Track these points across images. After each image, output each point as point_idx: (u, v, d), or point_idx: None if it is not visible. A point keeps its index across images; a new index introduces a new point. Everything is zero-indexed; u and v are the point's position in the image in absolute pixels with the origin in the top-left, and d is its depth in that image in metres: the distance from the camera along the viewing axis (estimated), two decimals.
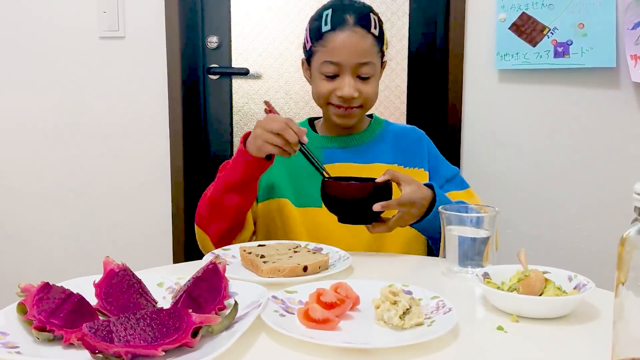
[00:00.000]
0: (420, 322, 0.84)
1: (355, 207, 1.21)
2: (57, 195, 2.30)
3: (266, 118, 1.26)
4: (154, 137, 2.22)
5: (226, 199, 1.30)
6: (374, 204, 1.18)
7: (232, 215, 1.32)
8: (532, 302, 0.89)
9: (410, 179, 1.25)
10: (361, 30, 1.36)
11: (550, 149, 2.01)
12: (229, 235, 1.35)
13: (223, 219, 1.32)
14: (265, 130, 1.23)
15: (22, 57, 2.25)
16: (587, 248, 2.01)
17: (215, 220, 1.33)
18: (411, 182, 1.23)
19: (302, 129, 1.25)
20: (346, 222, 1.25)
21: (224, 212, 1.31)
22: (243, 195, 1.31)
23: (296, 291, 0.95)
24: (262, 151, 1.25)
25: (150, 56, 2.18)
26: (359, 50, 1.36)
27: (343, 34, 1.35)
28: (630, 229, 0.64)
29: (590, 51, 1.91)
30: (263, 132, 1.23)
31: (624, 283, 0.64)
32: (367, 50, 1.37)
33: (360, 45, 1.36)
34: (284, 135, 1.22)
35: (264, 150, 1.25)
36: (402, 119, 2.19)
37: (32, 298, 0.79)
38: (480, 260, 1.08)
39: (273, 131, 1.22)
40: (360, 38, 1.36)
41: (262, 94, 2.25)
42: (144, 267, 1.11)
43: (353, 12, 1.37)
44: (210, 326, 0.76)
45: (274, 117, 1.26)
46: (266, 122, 1.24)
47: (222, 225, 1.33)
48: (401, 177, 1.24)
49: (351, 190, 1.20)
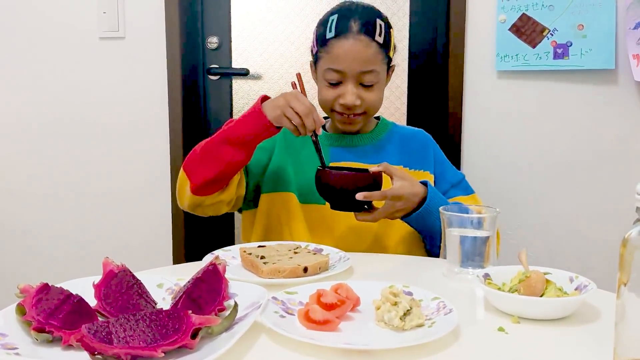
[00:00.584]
0: (421, 323, 0.84)
1: (344, 195, 1.25)
2: (56, 195, 2.30)
3: (292, 93, 1.29)
4: (154, 138, 2.22)
5: (222, 150, 1.30)
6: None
7: (221, 167, 1.31)
8: (533, 304, 0.88)
9: (403, 174, 1.28)
10: (365, 38, 1.35)
11: (550, 150, 2.01)
12: (209, 187, 1.34)
13: (212, 167, 1.31)
14: (288, 106, 1.26)
15: (23, 57, 2.25)
16: (588, 249, 2.01)
17: (203, 166, 1.32)
18: (404, 178, 1.27)
19: (321, 121, 1.29)
20: (337, 208, 1.29)
21: (215, 162, 1.31)
22: (239, 152, 1.31)
23: (296, 292, 0.95)
24: (277, 121, 1.28)
25: (150, 57, 2.18)
26: (362, 59, 1.36)
27: (347, 42, 1.35)
28: (632, 230, 0.64)
29: (590, 53, 1.91)
30: (285, 106, 1.26)
31: (625, 284, 0.64)
32: (370, 58, 1.36)
33: (364, 53, 1.36)
34: (304, 120, 1.25)
35: (280, 122, 1.28)
36: (402, 119, 2.18)
37: (31, 299, 0.79)
38: (481, 261, 1.08)
39: (295, 110, 1.25)
40: (363, 46, 1.35)
41: (262, 94, 2.25)
42: (144, 268, 1.11)
43: (358, 18, 1.36)
44: (210, 327, 0.76)
45: (300, 96, 1.28)
46: (292, 98, 1.26)
47: (207, 174, 1.32)
48: (394, 172, 1.27)
49: (341, 179, 1.25)
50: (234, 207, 1.45)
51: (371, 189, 1.24)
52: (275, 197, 1.44)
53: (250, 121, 1.29)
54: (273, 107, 1.28)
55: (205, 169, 1.32)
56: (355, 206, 1.26)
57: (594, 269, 1.94)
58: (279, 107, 1.26)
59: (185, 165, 1.37)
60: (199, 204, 1.38)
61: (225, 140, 1.30)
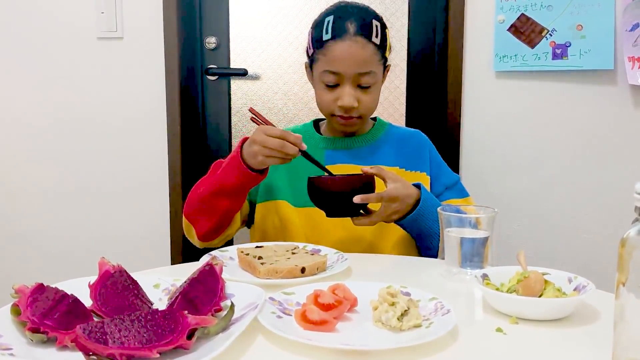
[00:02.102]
0: (418, 324, 0.83)
1: (340, 200, 1.24)
2: (54, 195, 2.29)
3: (259, 132, 1.23)
4: (152, 138, 2.21)
5: (216, 201, 1.30)
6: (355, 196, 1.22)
7: (220, 217, 1.33)
8: (531, 304, 0.88)
9: (396, 177, 1.28)
10: (362, 39, 1.34)
11: (548, 151, 2.01)
12: (214, 233, 1.36)
13: (210, 218, 1.33)
14: (262, 147, 1.22)
15: (21, 57, 2.25)
16: (587, 249, 2.01)
17: (203, 218, 1.34)
18: (397, 180, 1.26)
19: (298, 136, 1.24)
20: (333, 215, 1.28)
21: (212, 212, 1.32)
22: (233, 200, 1.31)
23: (294, 293, 0.94)
24: (263, 165, 1.25)
25: (148, 57, 2.18)
26: (359, 61, 1.35)
27: (344, 44, 1.34)
28: (631, 230, 0.63)
29: (589, 53, 1.90)
30: (261, 149, 1.22)
31: (624, 284, 0.63)
32: (367, 60, 1.36)
33: (361, 55, 1.35)
34: (284, 150, 1.22)
35: (266, 164, 1.25)
36: (401, 120, 2.18)
37: (26, 299, 0.78)
38: (479, 261, 1.08)
39: (271, 147, 1.21)
40: (360, 48, 1.34)
41: (260, 95, 2.25)
42: (142, 268, 1.11)
43: (355, 20, 1.35)
44: (206, 328, 0.76)
45: (267, 130, 1.23)
46: (262, 139, 1.22)
47: (209, 224, 1.34)
48: (387, 174, 1.26)
49: (335, 184, 1.24)
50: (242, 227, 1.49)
51: (366, 191, 1.23)
52: (268, 205, 1.44)
53: (234, 173, 1.27)
54: (252, 156, 1.24)
55: (205, 221, 1.34)
56: (351, 211, 1.26)
57: (593, 270, 1.94)
58: (256, 154, 1.23)
59: (186, 214, 1.38)
60: (210, 244, 1.41)
61: (217, 192, 1.29)
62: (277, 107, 2.23)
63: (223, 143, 2.28)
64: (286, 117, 2.24)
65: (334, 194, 1.24)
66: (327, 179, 1.26)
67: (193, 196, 1.36)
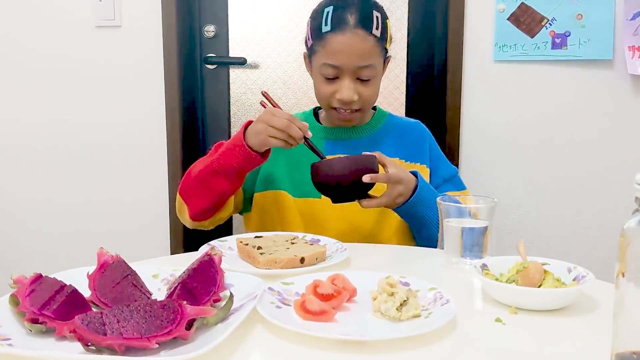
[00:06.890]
0: (417, 314, 0.83)
1: (348, 182, 1.22)
2: (53, 186, 2.29)
3: (267, 112, 1.24)
4: (151, 127, 2.20)
5: (213, 181, 1.29)
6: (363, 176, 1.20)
7: (215, 197, 1.32)
8: (530, 294, 0.88)
9: (395, 163, 1.28)
10: (362, 31, 1.32)
11: (548, 140, 2.00)
12: (207, 213, 1.35)
13: (206, 197, 1.32)
14: (268, 126, 1.22)
15: (18, 46, 2.23)
16: (587, 239, 2.01)
17: (197, 197, 1.33)
18: (397, 165, 1.27)
19: (305, 124, 1.24)
20: (339, 200, 1.26)
21: (208, 192, 1.31)
22: (231, 181, 1.30)
23: (293, 283, 0.94)
24: (265, 145, 1.25)
25: (147, 45, 2.17)
26: (359, 53, 1.33)
27: (344, 36, 1.32)
28: (631, 220, 0.63)
29: (588, 43, 1.90)
30: (266, 128, 1.22)
31: (624, 274, 0.63)
32: (367, 52, 1.34)
33: (361, 47, 1.33)
34: (289, 132, 1.22)
35: (268, 145, 1.24)
36: (401, 109, 2.17)
37: (24, 290, 0.78)
38: (479, 251, 1.08)
39: (276, 127, 1.21)
40: (361, 40, 1.33)
41: (260, 83, 2.24)
42: (141, 258, 1.11)
43: (355, 11, 1.33)
44: (205, 318, 0.75)
45: (275, 111, 1.24)
46: (269, 118, 1.22)
47: (203, 203, 1.33)
48: (387, 160, 1.27)
49: (340, 163, 1.22)
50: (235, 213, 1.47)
51: (372, 171, 1.23)
52: (267, 195, 1.43)
53: (236, 154, 1.26)
54: (255, 134, 1.24)
55: (199, 199, 1.33)
56: (358, 193, 1.24)
57: (593, 260, 1.94)
58: (260, 133, 1.23)
59: (181, 191, 1.37)
60: (200, 225, 1.40)
61: (216, 171, 1.28)
62: (277, 95, 2.22)
63: (222, 132, 2.27)
64: (285, 106, 2.23)
65: (341, 175, 1.21)
66: (332, 160, 1.23)
67: (189, 175, 1.35)
